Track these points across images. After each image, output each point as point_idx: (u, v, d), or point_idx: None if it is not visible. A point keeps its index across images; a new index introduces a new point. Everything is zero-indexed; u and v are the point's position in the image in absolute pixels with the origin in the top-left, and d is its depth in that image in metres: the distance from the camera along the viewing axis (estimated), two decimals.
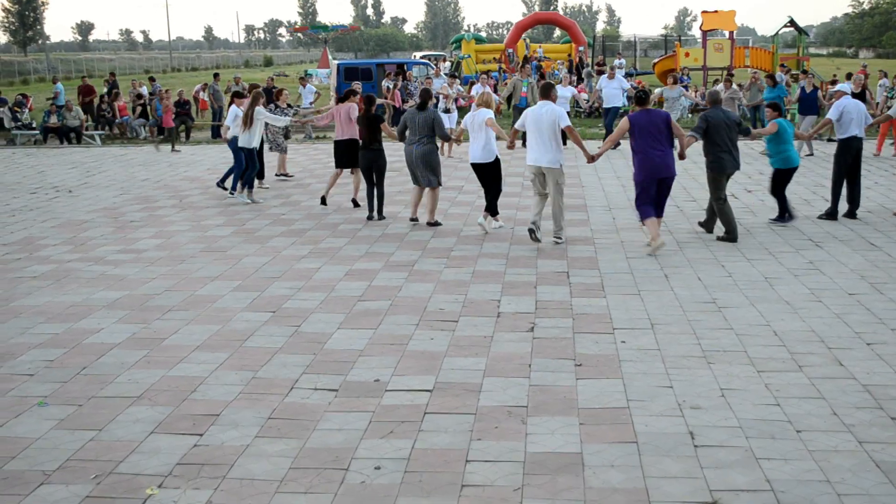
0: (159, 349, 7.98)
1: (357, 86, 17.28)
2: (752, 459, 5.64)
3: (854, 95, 17.17)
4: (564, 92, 22.14)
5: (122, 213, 14.90)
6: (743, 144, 22.70)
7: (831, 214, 13.38)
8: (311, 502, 5.20)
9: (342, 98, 15.25)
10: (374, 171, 13.75)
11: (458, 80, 27.03)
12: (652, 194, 11.46)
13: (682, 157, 12.02)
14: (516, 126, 12.48)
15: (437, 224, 13.26)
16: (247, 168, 15.75)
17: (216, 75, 32.22)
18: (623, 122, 11.68)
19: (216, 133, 28.24)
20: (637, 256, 11.13)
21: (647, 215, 11.46)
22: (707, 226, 12.56)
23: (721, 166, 12.02)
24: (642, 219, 11.63)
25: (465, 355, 7.67)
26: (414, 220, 13.44)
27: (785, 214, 13.15)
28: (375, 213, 13.82)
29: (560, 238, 11.93)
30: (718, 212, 12.12)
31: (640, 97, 11.75)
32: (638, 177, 11.52)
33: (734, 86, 23.55)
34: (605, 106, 23.73)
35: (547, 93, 11.91)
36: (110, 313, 9.12)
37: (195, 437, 6.12)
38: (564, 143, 12.63)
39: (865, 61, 51.43)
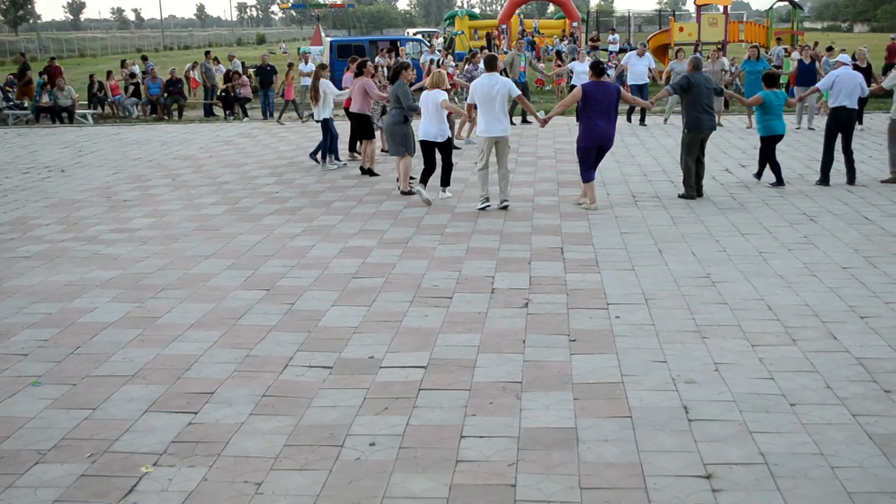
0: (153, 328, 7.97)
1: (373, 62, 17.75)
2: (746, 433, 5.65)
3: (859, 69, 17.19)
4: (584, 67, 21.90)
5: (115, 192, 14.86)
6: (727, 121, 22.69)
7: (822, 181, 14.07)
8: (306, 479, 5.21)
9: (358, 72, 15.95)
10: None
11: (451, 57, 26.96)
12: (592, 160, 12.52)
13: (649, 107, 14.01)
14: (468, 100, 13.36)
15: (409, 192, 13.65)
16: (325, 139, 16.81)
17: (207, 53, 32.07)
18: (576, 90, 12.58)
19: (208, 111, 28.19)
20: (631, 232, 11.12)
21: (589, 179, 12.59)
22: (694, 192, 13.22)
23: (699, 126, 13.03)
24: (584, 182, 12.67)
25: (460, 332, 7.67)
26: (406, 192, 13.78)
27: (762, 174, 14.33)
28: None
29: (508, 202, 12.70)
30: (684, 168, 13.23)
31: (599, 68, 12.53)
32: (582, 142, 12.46)
33: (722, 58, 23.41)
34: (631, 83, 23.18)
35: (492, 65, 12.67)
36: (104, 292, 9.11)
37: (190, 415, 6.12)
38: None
39: (860, 35, 51.31)
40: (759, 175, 14.35)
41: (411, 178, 13.75)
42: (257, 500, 5.00)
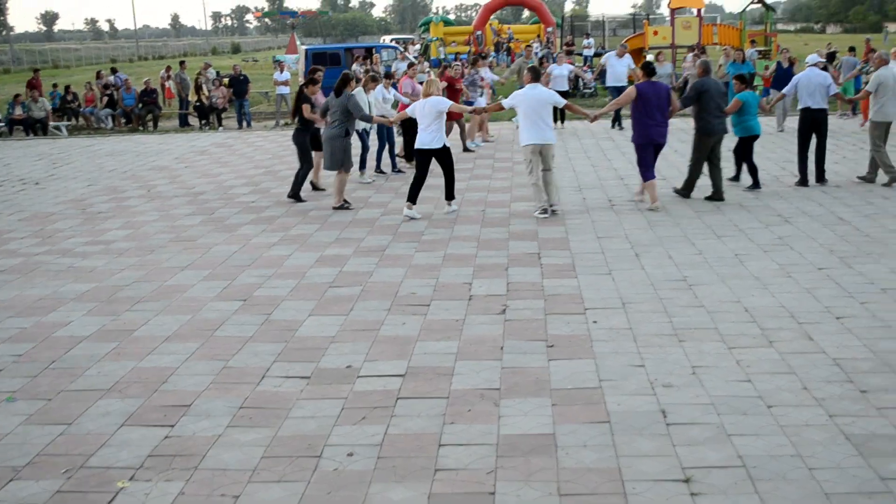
0: (129, 341, 7.92)
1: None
2: (724, 436, 5.67)
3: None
4: (562, 70, 22.02)
5: (89, 204, 14.77)
6: None
7: (801, 182, 14.20)
8: (284, 491, 5.18)
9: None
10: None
11: (426, 63, 26.94)
12: (649, 157, 12.77)
13: (670, 115, 13.33)
14: (503, 103, 13.11)
15: (342, 208, 13.41)
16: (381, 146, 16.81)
17: (182, 63, 31.97)
18: (630, 90, 12.92)
19: (183, 121, 28.11)
20: (607, 236, 11.14)
21: (649, 177, 12.82)
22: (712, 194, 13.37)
23: (710, 129, 13.13)
24: (644, 181, 12.93)
25: (438, 339, 7.65)
26: (337, 208, 13.51)
27: (739, 177, 14.47)
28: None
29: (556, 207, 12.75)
30: (692, 170, 13.44)
31: (650, 68, 12.90)
32: (637, 140, 12.82)
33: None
34: (610, 84, 23.21)
35: (537, 76, 12.82)
36: (79, 306, 9.04)
37: (166, 428, 6.08)
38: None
39: (833, 36, 51.69)
40: (737, 178, 14.41)
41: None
42: None
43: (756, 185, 13.94)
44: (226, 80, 28.22)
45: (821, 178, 14.20)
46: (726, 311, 8.14)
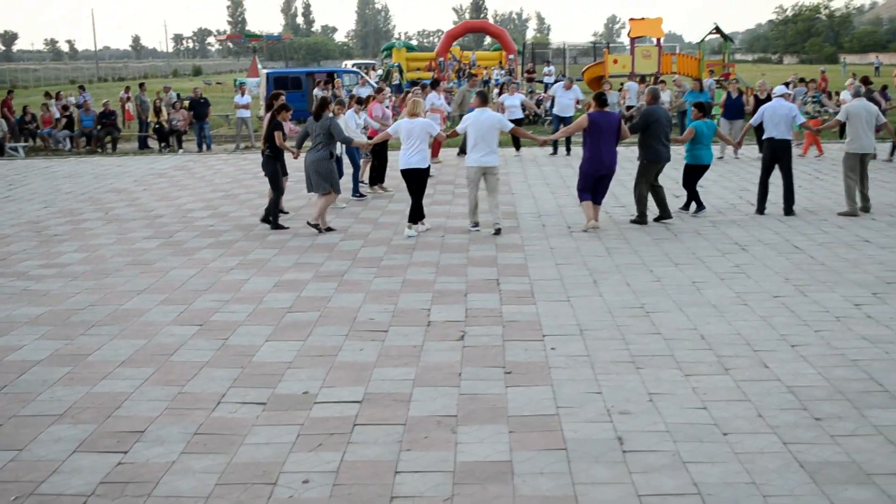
0: (83, 365, 7.82)
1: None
2: (680, 463, 5.69)
3: (759, 101, 18.49)
4: (513, 100, 22.18)
5: (45, 226, 14.60)
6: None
7: (758, 210, 14.35)
8: None
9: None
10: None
11: (388, 90, 26.95)
12: (591, 185, 13.01)
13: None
14: (457, 129, 13.52)
15: (316, 227, 13.37)
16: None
17: (142, 85, 31.79)
18: (582, 119, 13.08)
19: (143, 143, 27.93)
20: (566, 263, 11.19)
21: (585, 199, 13.11)
22: (659, 214, 13.67)
23: (658, 157, 13.40)
24: (581, 201, 13.20)
25: (395, 365, 7.63)
26: (312, 225, 13.45)
27: (690, 205, 14.45)
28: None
29: (500, 227, 13.09)
30: (638, 195, 13.61)
31: (602, 99, 13.11)
32: (584, 168, 12.99)
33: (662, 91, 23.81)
34: (558, 114, 23.42)
35: (485, 100, 13.31)
36: (32, 329, 8.92)
37: (119, 454, 6.00)
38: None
39: (789, 67, 52.42)
40: (687, 206, 14.49)
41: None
42: None
43: (700, 207, 14.27)
44: (186, 103, 28.09)
45: (789, 211, 14.13)
46: (683, 339, 8.19)
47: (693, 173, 14.16)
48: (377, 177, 17.39)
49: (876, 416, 6.38)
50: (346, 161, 16.63)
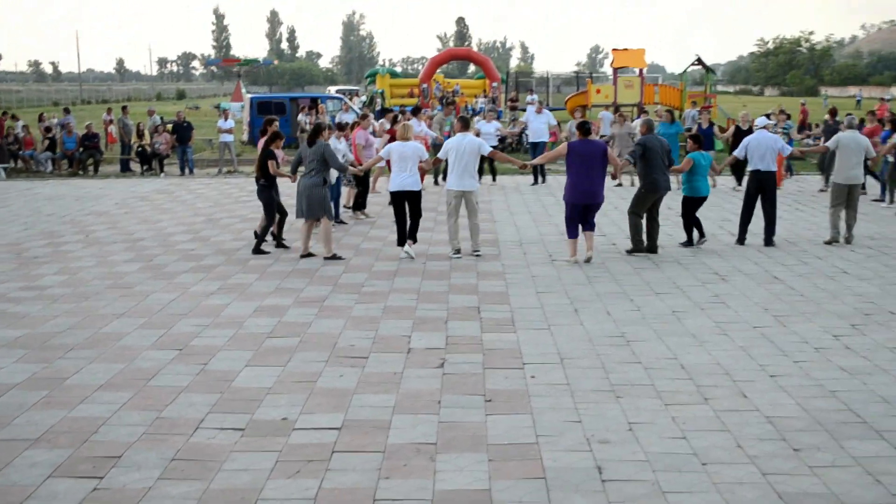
0: (60, 389, 7.77)
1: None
2: (659, 493, 5.69)
3: (741, 132, 19.35)
4: (489, 127, 22.18)
5: (25, 248, 14.53)
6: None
7: (739, 241, 14.40)
8: None
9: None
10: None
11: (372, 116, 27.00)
12: (577, 216, 12.79)
13: (614, 177, 14.04)
14: (439, 156, 13.66)
15: (335, 258, 13.24)
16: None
17: (125, 108, 31.77)
18: (561, 147, 13.05)
19: (125, 166, 27.87)
20: (547, 291, 11.20)
21: (572, 235, 12.92)
22: (646, 247, 13.51)
23: (655, 187, 13.32)
24: (568, 237, 13.02)
25: (375, 392, 7.61)
26: (306, 255, 13.36)
27: (691, 238, 14.20)
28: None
29: (479, 251, 13.36)
30: (632, 224, 13.47)
31: (584, 127, 13.01)
32: (567, 198, 12.86)
33: (628, 122, 23.77)
34: (531, 140, 23.46)
35: (467, 125, 13.52)
36: (10, 352, 8.86)
37: (95, 480, 5.95)
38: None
39: (770, 98, 52.82)
40: (690, 241, 14.20)
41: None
42: None
43: (701, 236, 14.11)
44: (169, 127, 28.08)
45: (769, 241, 14.22)
46: (663, 368, 8.20)
47: (691, 205, 14.07)
48: (360, 203, 17.42)
49: (854, 447, 6.40)
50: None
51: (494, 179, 22.78)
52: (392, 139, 18.11)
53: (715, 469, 6.04)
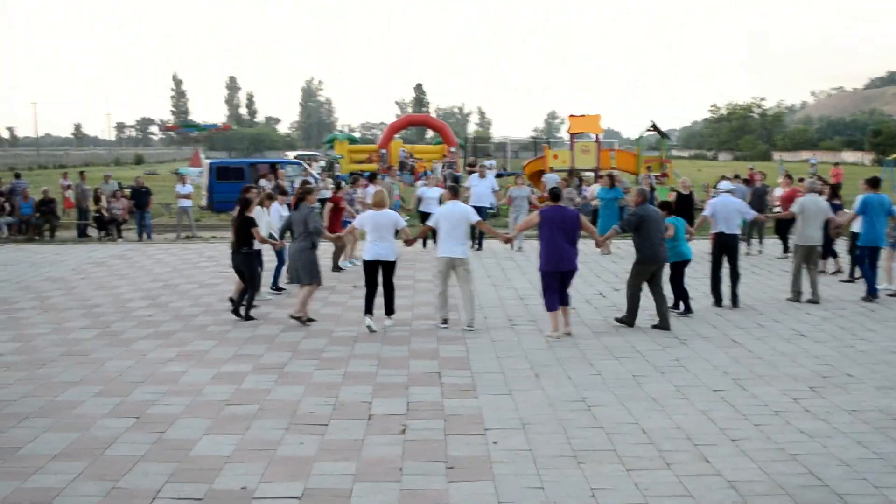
0: (13, 459, 7.62)
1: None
2: None
3: (683, 198, 19.51)
4: (432, 192, 22.07)
5: None
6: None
7: (715, 303, 14.61)
8: None
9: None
10: (243, 273, 13.71)
11: (329, 180, 27.07)
12: (555, 284, 12.37)
13: (598, 244, 14.06)
14: (429, 222, 13.44)
15: (300, 320, 13.19)
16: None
17: (82, 173, 31.58)
18: (533, 215, 12.89)
19: (82, 232, 27.64)
20: (508, 356, 11.20)
21: (552, 307, 12.39)
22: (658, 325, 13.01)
23: (653, 258, 12.96)
24: (547, 310, 12.48)
25: (336, 459, 7.54)
26: (295, 318, 13.29)
27: (679, 304, 14.04)
28: (242, 312, 13.74)
29: (472, 327, 12.92)
30: (631, 296, 13.08)
31: (555, 194, 12.85)
32: (542, 267, 12.46)
33: (570, 187, 23.90)
34: (472, 205, 23.48)
35: (456, 193, 13.35)
36: None
37: None
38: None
39: (724, 163, 53.56)
40: (677, 307, 14.05)
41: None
42: None
43: (688, 309, 13.92)
44: (127, 192, 27.94)
45: (735, 302, 14.46)
46: (624, 433, 8.20)
47: (679, 269, 13.93)
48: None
49: None
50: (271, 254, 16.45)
51: (480, 248, 22.56)
52: (334, 208, 18.47)
53: None
